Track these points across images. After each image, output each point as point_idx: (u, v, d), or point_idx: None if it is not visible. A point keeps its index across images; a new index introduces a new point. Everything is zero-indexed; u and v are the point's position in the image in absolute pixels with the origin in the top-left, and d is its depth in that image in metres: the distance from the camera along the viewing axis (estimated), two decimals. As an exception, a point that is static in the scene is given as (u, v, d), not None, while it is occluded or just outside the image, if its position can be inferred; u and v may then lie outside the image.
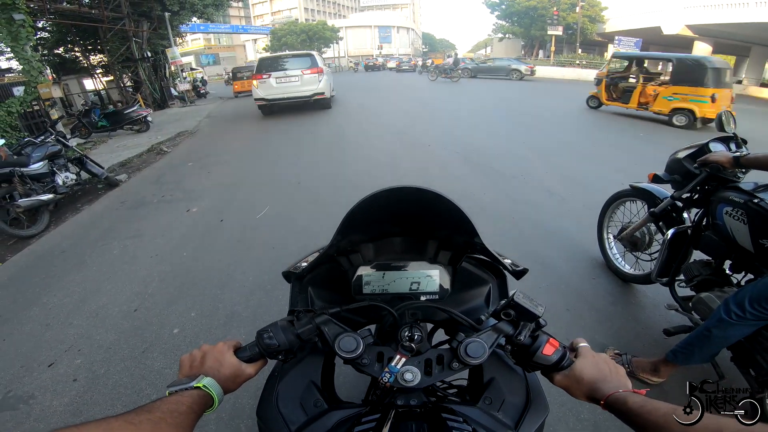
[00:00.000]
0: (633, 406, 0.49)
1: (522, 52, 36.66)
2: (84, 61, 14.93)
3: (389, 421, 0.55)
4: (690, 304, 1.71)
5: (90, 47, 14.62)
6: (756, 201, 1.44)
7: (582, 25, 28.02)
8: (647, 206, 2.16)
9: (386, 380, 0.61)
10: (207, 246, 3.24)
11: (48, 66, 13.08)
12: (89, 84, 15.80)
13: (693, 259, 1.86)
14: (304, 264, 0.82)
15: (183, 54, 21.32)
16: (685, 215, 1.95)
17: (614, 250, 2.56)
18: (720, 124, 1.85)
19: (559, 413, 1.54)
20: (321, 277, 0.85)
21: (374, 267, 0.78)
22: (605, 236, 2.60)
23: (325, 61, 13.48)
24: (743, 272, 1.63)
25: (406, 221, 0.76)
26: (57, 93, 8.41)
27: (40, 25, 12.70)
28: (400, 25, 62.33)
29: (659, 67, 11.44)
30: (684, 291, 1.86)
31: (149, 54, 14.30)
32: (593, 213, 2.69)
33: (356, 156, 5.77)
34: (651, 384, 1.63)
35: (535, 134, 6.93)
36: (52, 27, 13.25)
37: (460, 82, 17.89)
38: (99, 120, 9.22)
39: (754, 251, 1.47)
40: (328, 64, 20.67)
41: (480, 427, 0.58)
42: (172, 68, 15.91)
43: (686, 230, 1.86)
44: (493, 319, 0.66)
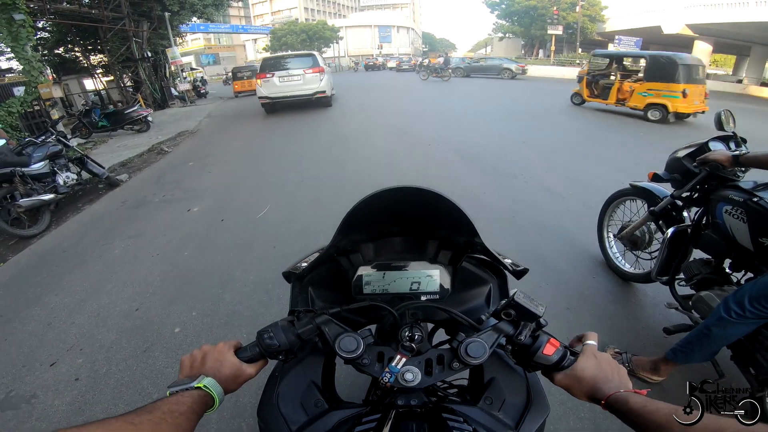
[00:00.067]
0: (634, 407, 0.49)
1: (522, 52, 36.64)
2: (84, 61, 14.91)
3: (390, 421, 0.55)
4: (690, 303, 1.72)
5: (90, 47, 14.61)
6: (755, 200, 1.44)
7: (582, 25, 27.99)
8: (647, 205, 2.16)
9: (387, 380, 0.61)
10: (208, 245, 3.25)
11: (48, 66, 13.09)
12: (89, 84, 15.77)
13: (693, 258, 1.86)
14: (305, 264, 0.82)
15: (183, 54, 21.28)
16: (685, 214, 1.95)
17: (614, 249, 2.56)
18: (719, 123, 1.84)
19: (560, 412, 1.54)
20: (321, 277, 0.85)
21: (374, 267, 0.78)
22: (605, 235, 2.60)
23: (326, 61, 13.51)
24: (743, 271, 1.63)
25: (407, 221, 0.76)
26: (57, 93, 8.43)
27: (40, 25, 12.68)
28: (400, 25, 62.24)
29: (641, 64, 11.77)
30: (684, 290, 1.86)
31: (149, 54, 14.28)
32: (593, 212, 2.69)
33: (356, 156, 5.77)
34: (651, 383, 1.63)
35: (531, 132, 7.00)
36: (52, 27, 13.24)
37: (454, 81, 18.08)
38: (99, 120, 9.22)
39: (754, 250, 1.47)
40: (329, 64, 20.73)
41: (480, 427, 0.58)
42: (172, 68, 15.90)
43: (686, 229, 1.86)
44: (494, 319, 0.66)
